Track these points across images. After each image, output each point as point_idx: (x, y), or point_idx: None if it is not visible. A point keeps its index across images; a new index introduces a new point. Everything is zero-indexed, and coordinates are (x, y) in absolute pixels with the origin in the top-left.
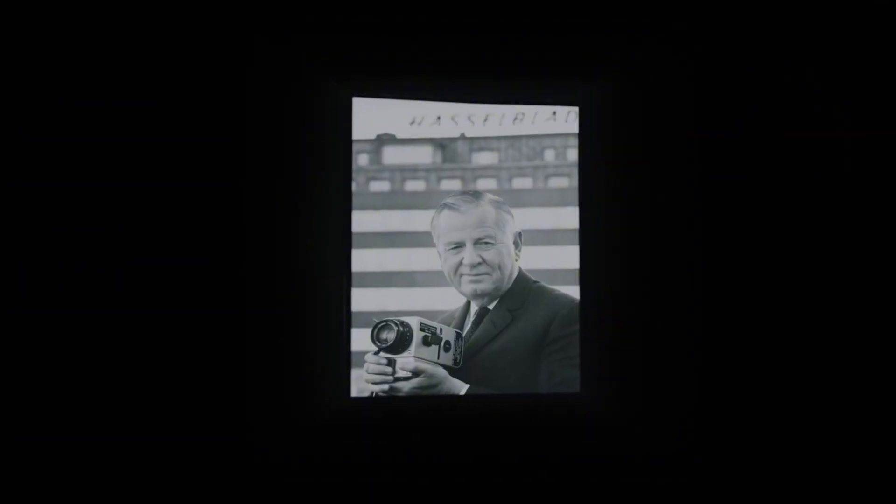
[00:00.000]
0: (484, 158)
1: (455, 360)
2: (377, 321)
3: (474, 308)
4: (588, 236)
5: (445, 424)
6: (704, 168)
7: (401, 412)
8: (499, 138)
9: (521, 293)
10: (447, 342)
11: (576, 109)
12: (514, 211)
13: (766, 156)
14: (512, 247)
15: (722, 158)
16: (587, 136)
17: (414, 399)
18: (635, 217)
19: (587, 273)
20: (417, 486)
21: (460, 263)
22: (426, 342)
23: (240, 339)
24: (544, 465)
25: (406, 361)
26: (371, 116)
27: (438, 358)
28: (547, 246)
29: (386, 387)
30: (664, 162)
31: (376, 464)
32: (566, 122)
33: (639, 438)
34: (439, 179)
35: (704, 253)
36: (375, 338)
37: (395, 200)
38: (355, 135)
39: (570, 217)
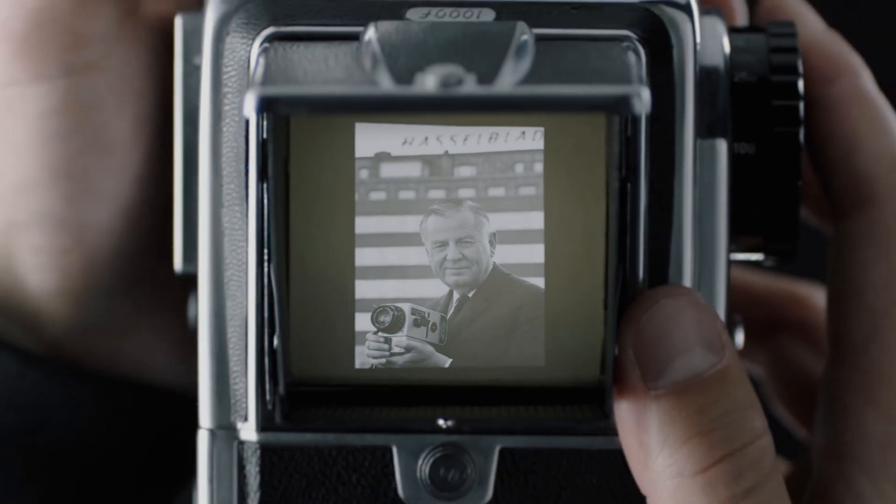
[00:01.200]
0: (464, 171)
1: (440, 339)
2: (376, 307)
3: (456, 296)
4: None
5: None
6: None
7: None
8: (477, 154)
9: (496, 284)
10: (434, 324)
11: (542, 129)
12: (490, 215)
13: None
14: (488, 245)
15: None
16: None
17: (406, 370)
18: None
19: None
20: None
21: (444, 259)
22: (416, 324)
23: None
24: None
25: (400, 340)
26: (370, 138)
27: (427, 337)
28: (517, 244)
29: (383, 360)
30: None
31: None
32: (533, 140)
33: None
34: (427, 190)
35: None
36: (375, 320)
37: (391, 207)
38: (357, 153)
39: (536, 220)
